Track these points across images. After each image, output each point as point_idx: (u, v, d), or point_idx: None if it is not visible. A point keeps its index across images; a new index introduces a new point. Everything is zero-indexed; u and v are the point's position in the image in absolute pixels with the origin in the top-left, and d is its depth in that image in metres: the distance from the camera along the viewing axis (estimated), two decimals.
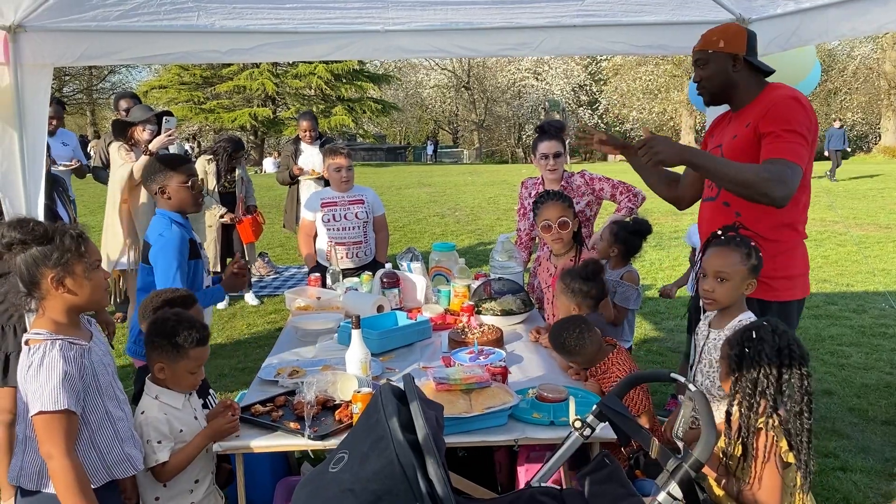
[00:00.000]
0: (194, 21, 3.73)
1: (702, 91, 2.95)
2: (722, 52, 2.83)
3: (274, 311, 6.85)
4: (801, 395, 2.04)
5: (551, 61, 41.77)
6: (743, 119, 2.85)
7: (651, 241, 10.04)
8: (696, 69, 2.94)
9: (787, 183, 2.56)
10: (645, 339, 5.89)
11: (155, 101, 31.54)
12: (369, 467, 1.60)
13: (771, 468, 2.03)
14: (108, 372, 2.12)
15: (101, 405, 2.06)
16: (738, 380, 2.10)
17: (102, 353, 2.12)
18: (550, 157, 4.10)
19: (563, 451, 2.20)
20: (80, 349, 1.99)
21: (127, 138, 5.32)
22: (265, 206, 12.99)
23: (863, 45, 34.87)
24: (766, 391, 2.04)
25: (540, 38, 4.07)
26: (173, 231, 3.09)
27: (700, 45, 2.90)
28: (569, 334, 2.80)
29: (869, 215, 12.51)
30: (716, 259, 2.52)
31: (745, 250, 2.49)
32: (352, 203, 4.65)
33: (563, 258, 3.64)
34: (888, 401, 4.49)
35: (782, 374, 2.05)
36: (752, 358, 2.08)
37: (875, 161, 30.86)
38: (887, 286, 7.43)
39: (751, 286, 2.51)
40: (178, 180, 3.15)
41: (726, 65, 2.84)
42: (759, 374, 2.05)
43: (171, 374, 2.34)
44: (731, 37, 2.84)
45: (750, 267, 2.47)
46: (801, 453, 2.03)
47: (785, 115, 2.68)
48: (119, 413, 2.13)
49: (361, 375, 2.62)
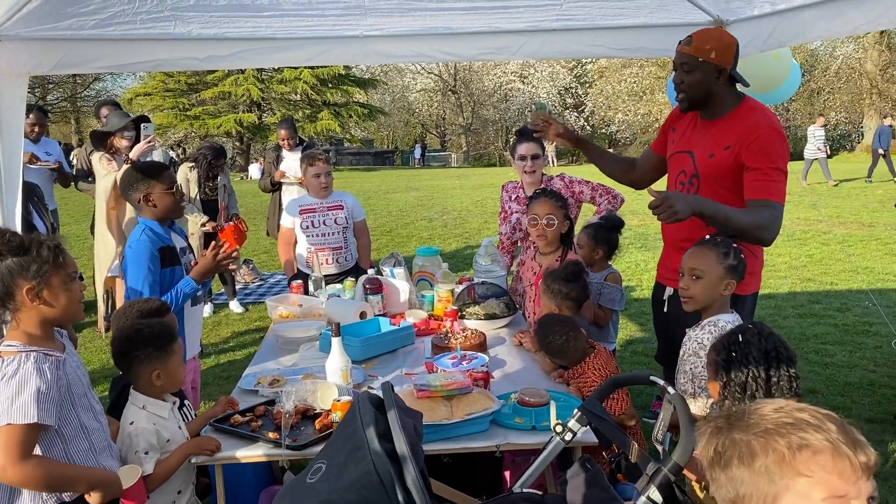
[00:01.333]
0: (171, 30, 3.71)
1: (681, 96, 2.96)
2: (711, 63, 2.83)
3: (259, 319, 6.81)
4: (790, 396, 2.01)
5: (537, 64, 41.90)
6: (718, 136, 2.88)
7: (636, 242, 10.13)
8: (679, 71, 2.93)
9: (777, 227, 2.73)
10: (630, 340, 5.90)
11: (140, 109, 31.38)
12: (346, 477, 1.59)
13: None
14: (83, 383, 2.10)
15: (75, 417, 2.03)
16: (727, 384, 2.07)
17: (76, 364, 2.10)
18: (528, 158, 4.09)
19: (544, 455, 2.19)
20: (55, 360, 1.96)
21: (107, 147, 5.27)
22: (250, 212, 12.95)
23: (845, 44, 35.18)
24: (755, 395, 2.01)
25: (520, 42, 4.07)
26: (141, 241, 3.09)
27: (690, 51, 2.86)
28: (555, 336, 2.80)
29: (852, 214, 12.60)
30: (692, 257, 2.55)
31: (724, 250, 2.49)
32: (331, 209, 4.63)
33: (549, 257, 3.64)
34: (871, 398, 4.52)
35: (770, 377, 2.03)
36: (740, 361, 2.05)
37: (858, 160, 31.13)
38: (870, 284, 7.48)
39: (729, 286, 2.51)
40: (161, 188, 3.14)
41: (711, 76, 2.86)
42: (748, 378, 2.03)
43: (167, 375, 2.36)
44: (723, 48, 2.84)
45: (727, 266, 2.48)
46: None
47: (769, 151, 2.76)
48: (94, 424, 2.10)
49: (342, 384, 2.60)
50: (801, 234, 10.53)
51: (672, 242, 3.16)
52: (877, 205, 13.57)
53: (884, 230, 10.75)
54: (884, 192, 15.41)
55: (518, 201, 4.17)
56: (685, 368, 2.56)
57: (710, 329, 2.48)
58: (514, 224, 4.15)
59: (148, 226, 3.12)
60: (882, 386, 4.72)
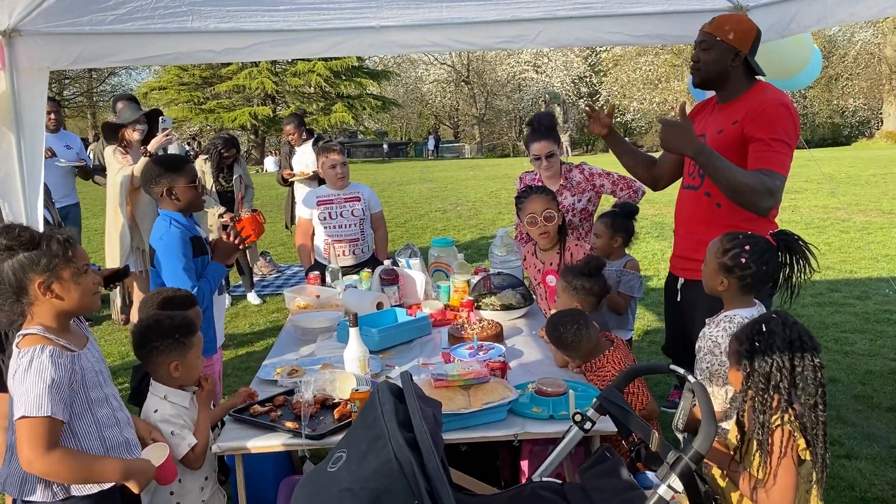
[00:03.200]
0: (188, 24, 3.73)
1: (695, 72, 2.99)
2: (727, 44, 2.86)
3: (276, 310, 6.85)
4: (815, 387, 1.99)
5: (551, 53, 41.69)
6: (729, 114, 2.89)
7: (653, 232, 10.08)
8: (697, 49, 2.96)
9: (775, 196, 2.73)
10: (647, 330, 5.88)
11: (155, 103, 31.58)
12: (367, 466, 1.60)
13: (787, 464, 1.96)
14: (101, 379, 2.10)
15: (88, 414, 2.03)
16: (750, 375, 2.04)
17: (95, 359, 2.10)
18: (543, 158, 4.02)
19: (563, 445, 2.19)
20: (70, 356, 1.97)
21: (119, 140, 5.30)
22: (266, 205, 13.01)
23: (863, 30, 34.74)
24: (779, 385, 1.98)
25: (536, 30, 4.05)
26: (172, 232, 3.09)
27: (710, 29, 2.91)
28: (566, 329, 2.78)
29: (872, 201, 12.46)
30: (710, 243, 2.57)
31: (727, 246, 2.47)
32: (348, 200, 4.64)
33: (550, 253, 3.62)
34: (893, 387, 4.47)
35: (795, 367, 2.00)
36: (764, 351, 2.02)
37: (878, 146, 30.75)
38: (891, 272, 7.40)
39: (723, 284, 2.48)
40: (185, 180, 3.16)
41: (727, 56, 2.88)
42: (772, 368, 2.00)
43: (185, 368, 2.39)
44: (742, 32, 2.87)
45: (721, 263, 2.46)
46: (816, 447, 1.97)
47: (773, 123, 2.76)
48: (110, 420, 2.09)
49: (360, 373, 2.61)
50: (820, 222, 10.43)
51: (683, 233, 3.14)
52: None
53: None
54: None
55: None
56: (702, 367, 2.53)
57: (725, 326, 2.46)
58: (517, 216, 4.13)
59: (172, 217, 3.15)
60: None
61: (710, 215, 2.92)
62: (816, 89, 35.15)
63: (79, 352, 2.02)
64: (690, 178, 3.08)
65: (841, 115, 38.03)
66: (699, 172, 2.97)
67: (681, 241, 3.19)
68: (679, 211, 3.17)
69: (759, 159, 2.75)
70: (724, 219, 2.84)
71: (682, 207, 3.14)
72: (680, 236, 3.20)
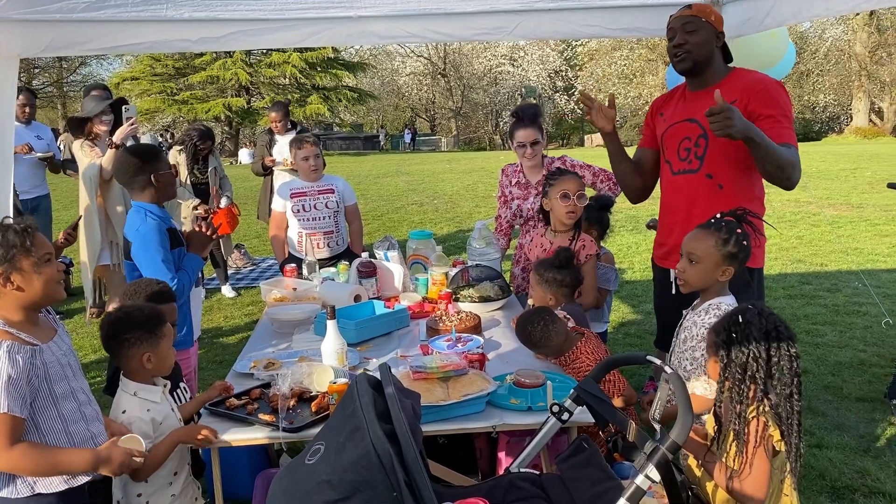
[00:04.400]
0: (163, 12, 3.67)
1: (685, 56, 2.96)
2: (712, 25, 2.94)
3: (251, 303, 6.80)
4: (790, 376, 2.01)
5: (527, 47, 41.75)
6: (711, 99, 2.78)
7: (627, 225, 10.16)
8: (680, 32, 2.96)
9: (800, 167, 2.83)
10: (622, 321, 5.92)
11: (127, 93, 31.09)
12: (346, 458, 1.59)
13: (761, 455, 1.98)
14: (69, 372, 2.05)
15: (52, 408, 1.98)
16: (727, 366, 2.05)
17: (63, 352, 2.05)
18: (528, 145, 4.03)
19: (541, 436, 2.20)
20: (30, 350, 1.91)
21: (86, 134, 5.20)
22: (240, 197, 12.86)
23: (834, 26, 35.25)
24: (755, 375, 2.00)
25: (515, 21, 4.04)
26: (149, 223, 3.05)
27: (693, 12, 2.95)
28: (533, 327, 2.79)
29: (841, 195, 12.66)
30: (691, 240, 2.53)
31: (724, 236, 2.46)
32: (322, 192, 4.60)
33: (562, 236, 3.60)
34: (861, 378, 4.55)
35: (771, 357, 2.01)
36: (740, 342, 2.04)
37: (847, 142, 31.26)
38: (860, 265, 7.53)
39: (726, 273, 2.49)
40: (163, 166, 3.15)
41: (712, 38, 2.95)
42: (749, 358, 2.01)
43: (158, 359, 2.34)
44: (718, 17, 2.99)
45: (726, 253, 2.46)
46: (791, 437, 1.99)
47: (778, 100, 2.85)
48: (76, 415, 2.04)
49: (337, 366, 2.60)
50: (791, 216, 10.58)
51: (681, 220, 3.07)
52: (866, 186, 13.65)
53: (873, 211, 10.82)
54: (872, 175, 15.50)
55: (519, 186, 4.15)
56: (695, 355, 2.53)
57: (715, 313, 2.47)
58: (514, 211, 4.13)
59: (147, 208, 3.10)
60: (872, 365, 4.76)
61: (714, 198, 2.90)
62: (788, 85, 35.36)
63: (41, 345, 1.95)
64: (685, 162, 3.03)
65: (812, 110, 38.56)
66: (696, 154, 2.95)
67: (677, 230, 3.05)
68: (674, 198, 3.11)
69: (778, 135, 2.77)
70: (727, 200, 2.82)
71: (680, 194, 3.07)
72: (677, 225, 3.08)
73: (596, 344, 2.90)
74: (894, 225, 9.69)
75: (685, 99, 3.08)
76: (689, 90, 3.06)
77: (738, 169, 2.92)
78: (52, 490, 1.98)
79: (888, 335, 5.31)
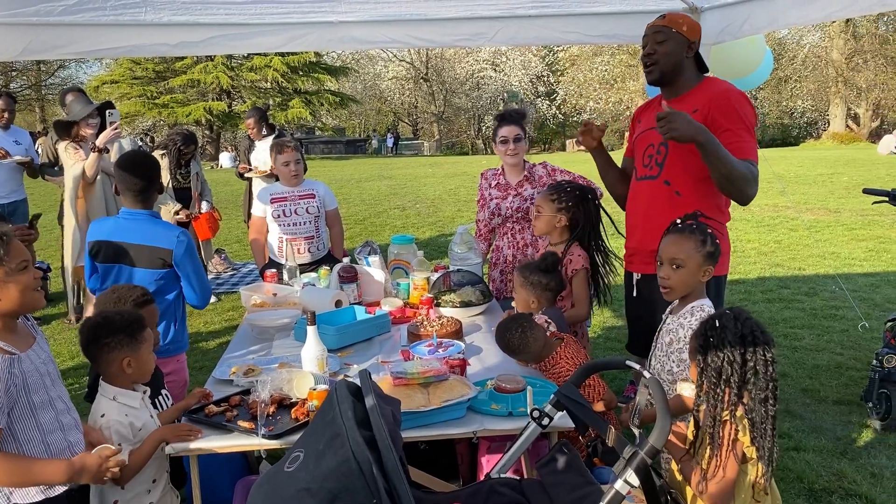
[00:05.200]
0: (142, 16, 3.65)
1: (652, 66, 3.02)
2: (682, 35, 2.95)
3: (232, 309, 6.75)
4: (766, 381, 2.01)
5: (509, 52, 41.90)
6: (686, 105, 2.89)
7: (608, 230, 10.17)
8: (650, 42, 3.00)
9: (757, 183, 2.81)
10: (604, 325, 5.95)
11: (106, 97, 30.75)
12: (325, 465, 1.58)
13: (731, 460, 2.00)
14: (48, 381, 2.02)
15: (30, 418, 1.96)
16: (704, 370, 2.07)
17: (41, 360, 2.02)
18: (510, 140, 4.02)
19: (521, 441, 2.20)
20: (8, 359, 1.88)
21: (72, 136, 5.16)
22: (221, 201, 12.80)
23: (811, 33, 35.71)
24: (730, 379, 2.01)
25: (495, 28, 4.06)
26: (183, 232, 3.19)
27: (664, 22, 2.98)
28: (511, 334, 2.80)
29: (819, 200, 12.82)
30: (671, 246, 2.54)
31: (701, 237, 2.50)
32: (302, 197, 4.58)
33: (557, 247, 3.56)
34: (839, 381, 4.61)
35: (746, 361, 2.02)
36: (716, 346, 2.05)
37: (825, 147, 31.65)
38: (837, 269, 7.62)
39: (707, 273, 2.52)
40: None
41: (682, 48, 2.96)
42: (724, 362, 2.02)
43: (138, 364, 2.32)
44: (692, 26, 3.00)
45: (706, 254, 2.49)
46: (765, 440, 2.00)
47: (740, 112, 2.85)
48: (53, 425, 2.02)
49: (318, 372, 2.59)
50: (770, 221, 10.69)
51: (641, 224, 3.14)
52: (843, 191, 13.82)
53: (850, 216, 10.96)
54: (849, 179, 15.70)
55: (498, 187, 4.16)
56: (682, 357, 2.55)
57: (699, 315, 2.49)
58: (492, 210, 4.13)
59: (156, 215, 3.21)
60: (849, 368, 4.82)
61: (671, 204, 2.94)
62: (766, 90, 36.01)
63: (20, 354, 1.93)
64: (647, 169, 3.08)
65: (790, 115, 39.02)
66: (657, 161, 3.00)
67: (637, 234, 3.17)
68: (635, 203, 3.17)
69: (737, 149, 2.77)
70: (684, 207, 2.82)
71: (640, 199, 3.13)
72: (637, 228, 3.18)
73: (576, 349, 2.91)
74: (870, 229, 9.83)
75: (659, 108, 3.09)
76: (665, 98, 3.09)
77: (697, 177, 2.94)
78: (29, 500, 1.96)
79: (864, 338, 5.38)
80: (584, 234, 3.52)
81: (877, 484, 3.35)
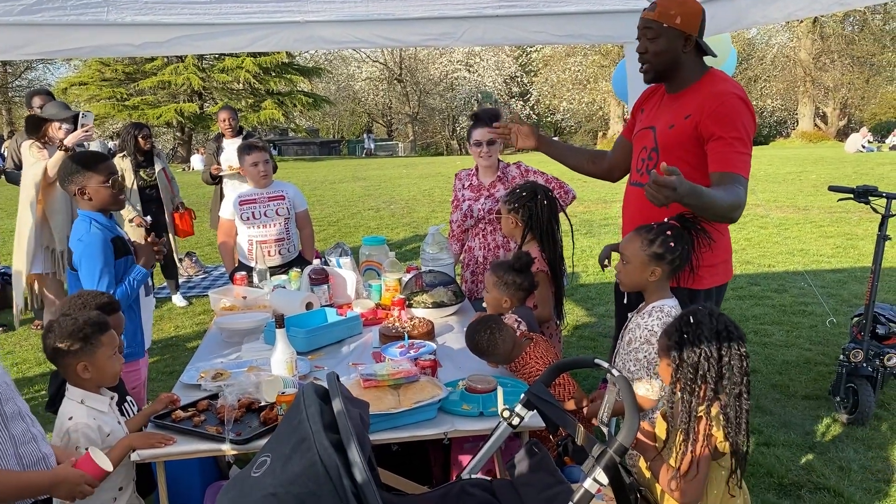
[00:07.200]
0: (104, 16, 3.58)
1: (647, 68, 2.77)
2: (676, 29, 2.66)
3: (203, 312, 6.68)
4: (740, 375, 2.04)
5: (483, 52, 41.97)
6: (681, 107, 2.74)
7: (581, 229, 10.24)
8: (642, 38, 2.74)
9: (744, 204, 2.54)
10: (577, 324, 5.98)
11: (75, 99, 30.33)
12: (292, 470, 1.56)
13: (704, 456, 2.02)
14: (10, 392, 1.97)
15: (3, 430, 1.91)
16: (679, 366, 2.07)
17: (1, 371, 1.98)
18: (484, 144, 4.03)
19: (492, 441, 2.20)
20: None
21: (40, 135, 5.05)
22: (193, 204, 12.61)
23: (780, 33, 36.22)
24: (707, 374, 2.03)
25: (462, 28, 4.05)
26: (92, 233, 2.99)
27: (654, 16, 2.68)
28: (480, 336, 2.79)
29: (788, 198, 13.01)
30: (624, 241, 2.62)
31: (651, 237, 2.51)
32: (272, 199, 4.54)
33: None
34: (808, 376, 4.67)
35: (722, 356, 2.04)
36: (692, 342, 2.06)
37: (793, 146, 32.16)
38: (805, 266, 7.74)
39: (655, 273, 2.53)
40: (97, 180, 3.03)
41: (677, 43, 2.68)
42: (700, 358, 2.04)
43: (95, 369, 2.28)
44: (689, 14, 2.67)
45: (651, 254, 2.50)
46: (738, 435, 2.02)
47: (732, 119, 2.58)
48: (26, 436, 1.97)
49: (287, 376, 2.56)
50: (740, 219, 10.80)
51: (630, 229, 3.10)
52: (811, 189, 14.04)
53: (818, 213, 11.14)
54: (817, 178, 15.96)
55: (471, 188, 4.15)
56: (638, 357, 2.56)
57: (657, 315, 2.51)
58: (465, 211, 4.13)
59: (93, 217, 3.03)
60: (817, 364, 4.89)
61: (662, 210, 2.88)
62: None
63: None
64: (638, 175, 2.97)
65: (759, 115, 39.52)
66: (647, 168, 2.85)
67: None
68: (627, 208, 3.09)
69: (721, 161, 2.57)
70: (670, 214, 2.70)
71: (630, 205, 3.05)
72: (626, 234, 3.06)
73: (545, 348, 2.91)
74: (838, 226, 10.00)
75: (661, 103, 2.92)
76: (667, 92, 2.89)
77: None
78: None
79: (832, 334, 5.47)
80: (536, 233, 3.52)
81: (844, 477, 3.40)
